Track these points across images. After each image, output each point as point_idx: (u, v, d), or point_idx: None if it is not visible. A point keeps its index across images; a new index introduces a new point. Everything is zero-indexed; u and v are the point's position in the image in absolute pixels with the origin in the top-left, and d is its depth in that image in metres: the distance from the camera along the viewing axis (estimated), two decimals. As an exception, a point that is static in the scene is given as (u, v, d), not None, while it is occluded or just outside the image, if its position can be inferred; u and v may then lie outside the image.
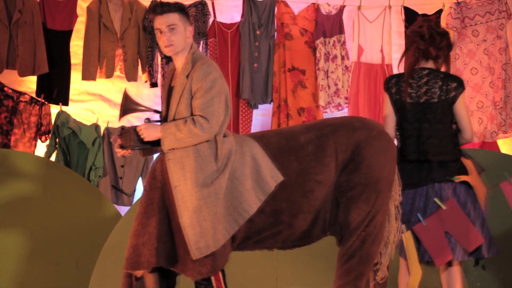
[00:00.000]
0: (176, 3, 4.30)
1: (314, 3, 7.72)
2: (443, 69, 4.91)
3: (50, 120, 7.32)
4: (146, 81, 7.51)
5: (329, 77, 7.65)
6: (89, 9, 7.41)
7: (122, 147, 4.31)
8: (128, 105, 4.35)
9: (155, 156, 4.47)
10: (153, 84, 7.51)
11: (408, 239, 4.72)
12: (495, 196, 6.32)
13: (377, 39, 7.71)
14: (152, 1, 7.48)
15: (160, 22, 4.22)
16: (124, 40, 7.44)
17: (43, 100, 7.34)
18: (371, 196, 4.26)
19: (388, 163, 4.32)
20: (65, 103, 7.38)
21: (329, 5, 7.75)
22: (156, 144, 4.23)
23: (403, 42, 7.78)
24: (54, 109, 7.39)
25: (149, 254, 4.14)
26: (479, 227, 4.85)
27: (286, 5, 7.67)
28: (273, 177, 4.19)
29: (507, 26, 7.63)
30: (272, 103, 7.66)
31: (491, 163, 6.46)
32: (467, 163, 4.91)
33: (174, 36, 4.21)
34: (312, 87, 7.69)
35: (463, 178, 4.85)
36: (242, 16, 7.64)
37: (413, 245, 4.73)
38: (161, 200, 4.21)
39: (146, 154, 4.38)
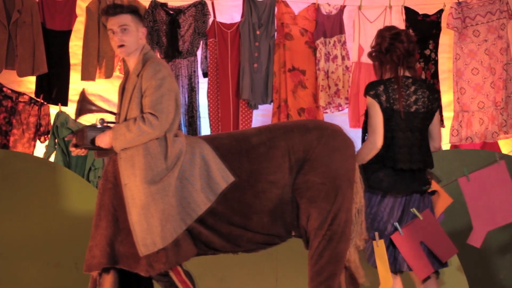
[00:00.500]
0: (130, 5, 4.43)
1: (314, 3, 7.70)
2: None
3: (49, 120, 7.32)
4: (145, 82, 7.48)
5: (330, 77, 7.63)
6: (88, 9, 7.40)
7: (76, 146, 4.39)
8: (84, 106, 4.43)
9: None
10: (153, 85, 7.47)
11: (380, 247, 4.71)
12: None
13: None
14: (151, 1, 7.49)
15: (113, 23, 4.33)
16: (124, 40, 7.41)
17: (42, 101, 7.33)
18: (330, 194, 4.27)
19: (345, 160, 4.34)
20: (64, 103, 7.38)
21: (329, 5, 7.74)
22: None
23: (403, 42, 7.77)
24: (53, 110, 7.38)
25: (100, 255, 4.25)
26: None
27: (286, 5, 7.66)
28: (223, 177, 4.23)
29: (508, 26, 7.62)
30: (272, 103, 7.64)
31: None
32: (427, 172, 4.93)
33: (126, 36, 4.31)
34: (313, 88, 7.67)
35: (436, 187, 4.86)
36: (242, 16, 7.63)
37: (385, 254, 4.70)
38: (112, 201, 4.29)
39: (101, 155, 4.44)
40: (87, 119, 7.48)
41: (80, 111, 4.44)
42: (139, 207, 4.17)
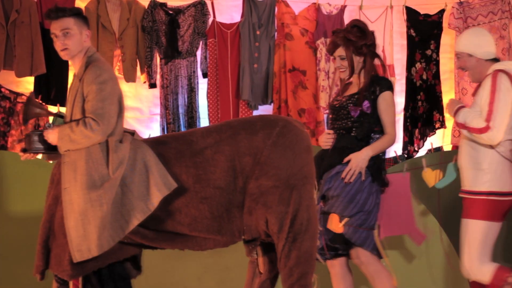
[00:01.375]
0: (73, 8, 4.43)
1: (315, 3, 7.69)
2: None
3: (47, 121, 7.26)
4: (144, 82, 7.49)
5: (330, 77, 7.61)
6: (87, 9, 7.37)
7: (24, 150, 4.36)
8: (31, 110, 4.40)
9: None
10: (152, 85, 7.48)
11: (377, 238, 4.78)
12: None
13: (378, 39, 7.56)
14: (150, 1, 7.46)
15: (55, 26, 4.32)
16: (123, 41, 7.41)
17: (40, 101, 7.27)
18: (285, 196, 4.20)
19: (297, 156, 4.25)
20: (63, 104, 7.30)
21: (330, 5, 7.72)
22: (56, 148, 4.28)
23: (405, 42, 7.77)
24: (52, 110, 7.29)
25: (37, 258, 4.24)
26: None
27: (287, 5, 7.64)
28: (166, 184, 4.16)
29: (510, 26, 7.61)
30: (272, 104, 7.61)
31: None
32: None
33: (69, 40, 4.29)
34: (313, 88, 7.65)
35: None
36: (242, 16, 7.61)
37: (379, 243, 4.77)
38: (52, 204, 4.26)
39: (50, 158, 4.42)
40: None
41: (26, 116, 4.39)
42: (76, 212, 4.13)
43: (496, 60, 4.97)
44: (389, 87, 4.92)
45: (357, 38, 4.95)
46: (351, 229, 4.74)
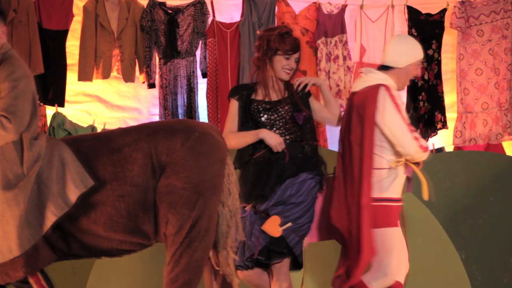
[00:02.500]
0: None
1: (315, 2, 7.68)
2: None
3: (45, 121, 7.28)
4: (143, 82, 7.46)
5: (331, 77, 7.59)
6: (85, 9, 7.35)
7: None
8: None
9: None
10: (151, 85, 7.45)
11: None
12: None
13: (379, 39, 7.68)
14: (149, 0, 7.44)
15: None
16: (121, 40, 7.38)
17: (38, 102, 7.19)
18: (191, 200, 4.15)
19: (211, 165, 4.21)
20: (61, 104, 7.32)
21: (330, 4, 7.71)
22: None
23: (406, 42, 7.72)
24: (50, 111, 7.32)
25: None
26: None
27: (287, 4, 7.61)
28: (82, 181, 4.10)
29: (513, 25, 7.60)
30: (272, 104, 7.56)
31: (496, 166, 6.40)
32: None
33: None
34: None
35: None
36: (241, 16, 7.58)
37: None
38: None
39: None
40: (84, 120, 7.43)
41: None
42: None
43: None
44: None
45: None
46: (297, 239, 4.72)
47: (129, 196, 4.15)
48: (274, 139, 4.80)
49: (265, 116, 4.88)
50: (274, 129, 4.86)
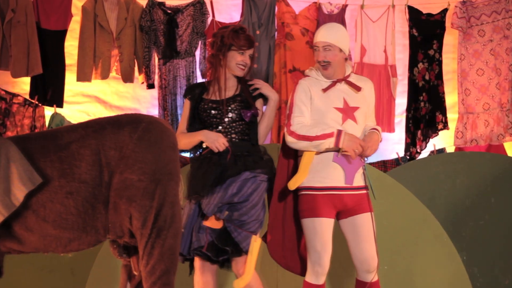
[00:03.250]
0: None
1: (315, 2, 7.66)
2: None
3: (44, 122, 7.26)
4: (142, 83, 7.46)
5: (331, 78, 7.55)
6: (84, 8, 7.33)
7: None
8: None
9: None
10: (150, 86, 7.44)
11: (258, 242, 4.74)
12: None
13: (380, 39, 7.66)
14: (149, 0, 7.43)
15: None
16: (120, 40, 7.37)
17: (37, 102, 7.26)
18: (149, 190, 4.16)
19: (163, 153, 4.21)
20: (60, 105, 7.31)
21: (331, 4, 7.69)
22: None
23: (407, 42, 7.75)
24: (48, 111, 7.31)
25: None
26: None
27: (287, 4, 7.60)
28: (30, 179, 4.08)
29: (514, 25, 7.59)
30: (272, 105, 7.54)
31: (498, 167, 6.39)
32: None
33: None
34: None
35: None
36: (241, 16, 7.56)
37: (258, 250, 4.73)
38: None
39: None
40: (84, 120, 7.39)
41: None
42: None
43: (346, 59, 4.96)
44: None
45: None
46: (243, 234, 4.71)
47: (78, 193, 4.14)
48: (212, 140, 4.84)
49: (211, 114, 4.92)
50: (220, 127, 4.89)
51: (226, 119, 4.89)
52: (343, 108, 4.79)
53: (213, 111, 4.93)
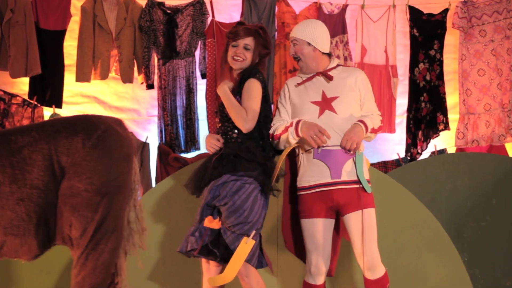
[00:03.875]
0: None
1: (316, 2, 7.67)
2: None
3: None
4: (142, 83, 7.45)
5: (332, 78, 7.55)
6: (83, 8, 7.34)
7: None
8: None
9: None
10: (149, 86, 7.44)
11: (249, 244, 4.64)
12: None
13: (381, 39, 7.66)
14: (148, 0, 7.42)
15: None
16: (120, 40, 7.37)
17: (35, 103, 7.26)
18: (94, 201, 4.08)
19: (115, 164, 4.14)
20: (59, 105, 7.30)
21: (331, 4, 7.70)
22: None
23: (408, 42, 7.75)
24: (47, 112, 7.31)
25: None
26: None
27: (287, 4, 7.60)
28: None
29: (516, 25, 7.59)
30: (272, 105, 7.52)
31: (499, 168, 6.37)
32: None
33: None
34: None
35: None
36: (241, 16, 7.56)
37: (247, 252, 4.64)
38: None
39: None
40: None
41: None
42: None
43: (330, 55, 4.91)
44: (253, 74, 4.79)
45: (266, 37, 4.88)
46: (233, 236, 4.67)
47: (29, 199, 4.07)
48: (206, 142, 4.85)
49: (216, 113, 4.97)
50: (217, 120, 4.92)
51: (219, 112, 4.86)
52: (320, 101, 4.76)
53: (216, 110, 4.97)
